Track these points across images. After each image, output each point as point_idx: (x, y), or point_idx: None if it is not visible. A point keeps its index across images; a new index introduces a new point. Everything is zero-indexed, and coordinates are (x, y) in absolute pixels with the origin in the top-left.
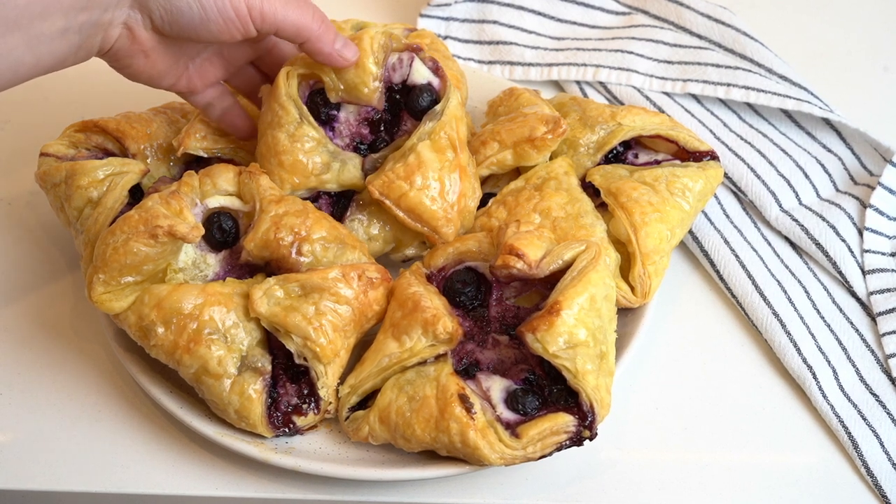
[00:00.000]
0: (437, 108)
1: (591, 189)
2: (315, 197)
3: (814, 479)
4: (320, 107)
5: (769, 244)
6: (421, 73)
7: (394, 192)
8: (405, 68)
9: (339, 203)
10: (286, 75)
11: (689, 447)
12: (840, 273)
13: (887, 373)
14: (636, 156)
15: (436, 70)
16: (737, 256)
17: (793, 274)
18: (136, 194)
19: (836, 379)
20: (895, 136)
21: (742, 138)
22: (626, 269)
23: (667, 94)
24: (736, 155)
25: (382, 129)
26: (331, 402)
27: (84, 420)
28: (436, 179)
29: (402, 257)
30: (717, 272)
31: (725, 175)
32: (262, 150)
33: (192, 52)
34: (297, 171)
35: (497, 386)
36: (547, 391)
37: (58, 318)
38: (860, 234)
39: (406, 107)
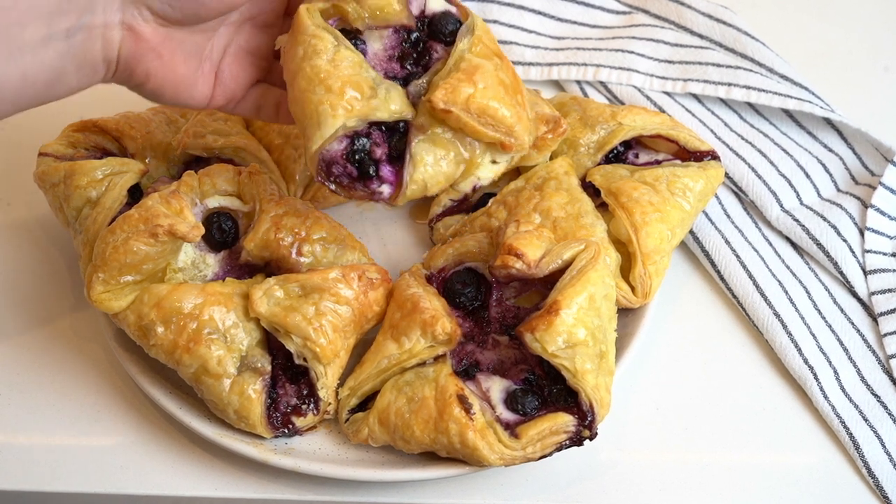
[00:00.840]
0: (466, 24)
1: (591, 189)
2: (366, 132)
3: (815, 480)
4: (348, 40)
5: (770, 244)
6: (436, 2)
7: (460, 96)
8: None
9: (393, 136)
10: (307, 11)
11: (689, 447)
12: (841, 273)
13: (889, 373)
14: (637, 156)
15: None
16: (738, 256)
17: (794, 274)
18: (135, 194)
19: (838, 379)
20: None
21: (743, 138)
22: (626, 270)
23: (667, 93)
24: (737, 155)
25: (411, 61)
26: (330, 403)
27: (83, 420)
28: (495, 80)
29: (473, 183)
30: (718, 272)
31: (726, 175)
32: (302, 85)
33: (212, 45)
34: (348, 94)
35: (497, 386)
36: (546, 391)
37: (57, 318)
38: (861, 234)
39: (432, 35)
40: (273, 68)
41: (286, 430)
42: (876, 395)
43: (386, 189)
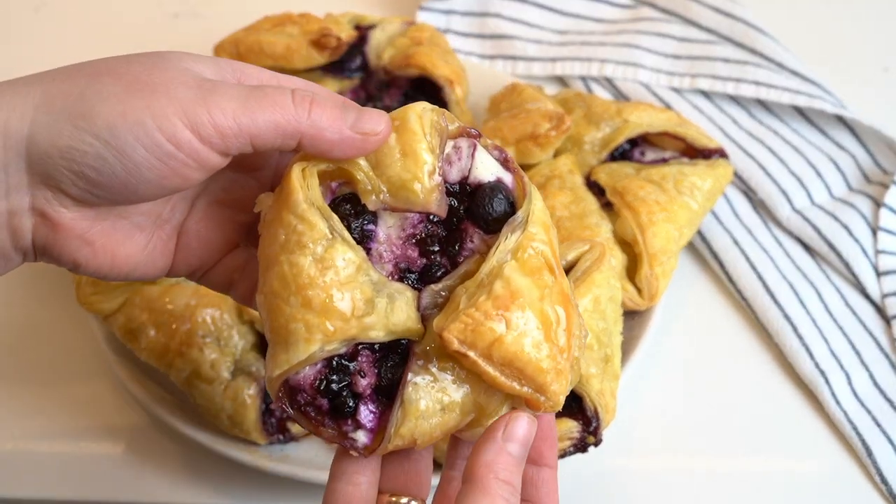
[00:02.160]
0: (520, 214)
1: (595, 188)
2: (352, 352)
3: (826, 487)
4: (350, 220)
5: (780, 245)
6: (487, 167)
7: (482, 338)
8: (465, 160)
9: (387, 359)
10: (301, 174)
11: (697, 454)
12: (853, 275)
13: None
14: (643, 153)
15: (505, 162)
16: (747, 257)
17: (805, 276)
18: None
19: (850, 384)
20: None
21: (752, 135)
22: (632, 271)
23: (675, 89)
24: (746, 153)
25: (436, 248)
26: None
27: (73, 427)
28: (536, 317)
29: (480, 434)
30: (727, 274)
31: (735, 173)
32: (275, 286)
33: (173, 205)
34: (332, 312)
35: None
36: None
37: (46, 322)
38: (874, 234)
39: (470, 215)
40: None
41: (281, 437)
42: (889, 401)
43: (361, 437)
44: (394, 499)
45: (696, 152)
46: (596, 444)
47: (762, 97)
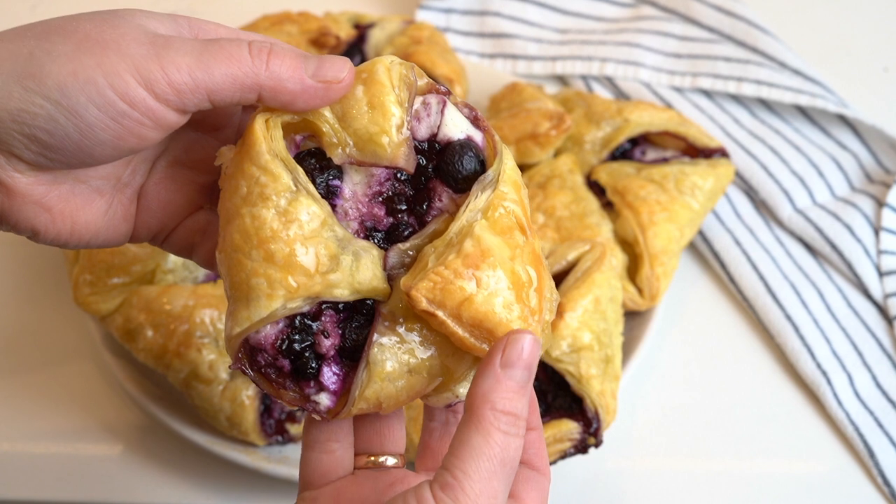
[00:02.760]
0: (490, 172)
1: (596, 187)
2: (315, 311)
3: (828, 488)
4: (315, 174)
5: (782, 245)
6: (456, 124)
7: (452, 297)
8: (434, 117)
9: (352, 319)
10: (265, 125)
11: (698, 455)
12: (855, 275)
13: None
14: (644, 153)
15: (475, 120)
16: (748, 257)
17: (806, 276)
18: None
19: (852, 385)
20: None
21: (754, 135)
22: (633, 271)
23: (676, 88)
24: (747, 152)
25: (404, 206)
26: None
27: (70, 428)
28: (507, 277)
29: (449, 400)
30: (728, 274)
31: (737, 173)
32: (236, 240)
33: (133, 167)
34: (296, 268)
35: None
36: (550, 397)
37: (43, 322)
38: (876, 234)
39: (439, 173)
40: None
41: (280, 438)
42: (892, 402)
43: (324, 400)
44: (372, 459)
45: (697, 152)
46: (597, 446)
47: (764, 96)
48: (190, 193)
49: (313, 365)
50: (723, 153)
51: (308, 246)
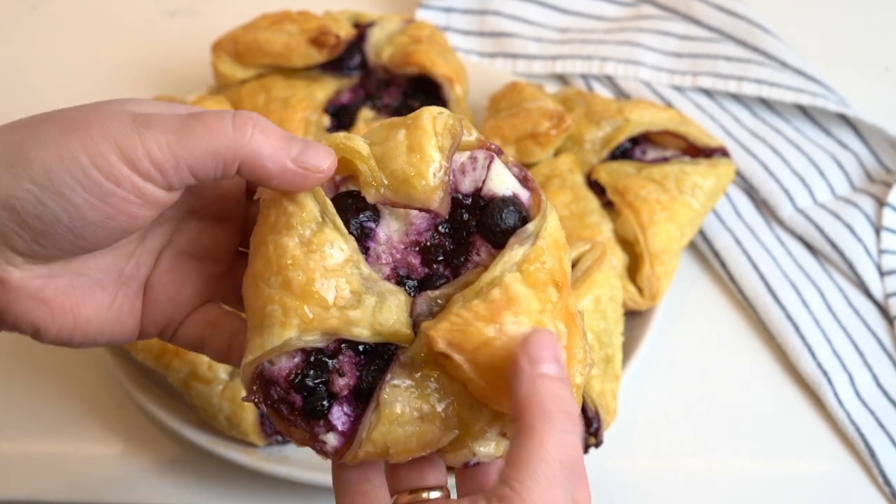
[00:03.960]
0: (530, 226)
1: (596, 187)
2: (334, 349)
3: (828, 489)
4: (350, 214)
5: (782, 244)
6: (503, 180)
7: (470, 339)
8: (479, 171)
9: (371, 363)
10: None
11: (699, 455)
12: (856, 275)
13: None
14: (644, 152)
15: (524, 180)
16: (749, 257)
17: (807, 275)
18: None
19: (853, 385)
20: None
21: (755, 134)
22: (633, 271)
23: (676, 88)
24: (748, 152)
25: (441, 258)
26: None
27: (70, 428)
28: (532, 325)
29: (466, 458)
30: (729, 273)
31: (737, 172)
32: (258, 267)
33: (137, 259)
34: (312, 297)
35: None
36: None
37: None
38: (877, 233)
39: (479, 227)
40: (232, 270)
41: (280, 438)
42: (893, 401)
43: (331, 440)
44: (414, 494)
45: (697, 151)
46: (597, 446)
47: (764, 95)
48: (197, 285)
49: (324, 403)
50: (723, 152)
51: (328, 278)
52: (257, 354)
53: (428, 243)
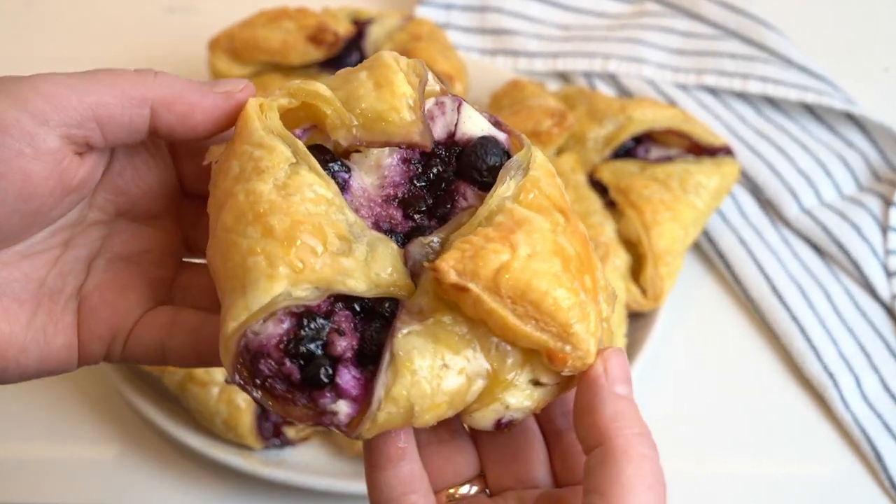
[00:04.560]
0: (518, 157)
1: (599, 186)
2: (327, 309)
3: (834, 492)
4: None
5: (788, 245)
6: (476, 122)
7: (485, 264)
8: (450, 114)
9: (371, 324)
10: (258, 108)
11: (703, 457)
12: (863, 276)
13: None
14: (647, 151)
15: (496, 123)
16: (753, 258)
17: (813, 276)
18: None
19: (859, 387)
20: None
21: (760, 133)
22: (636, 271)
23: (680, 86)
24: (753, 150)
25: (423, 209)
26: None
27: (65, 431)
28: (549, 245)
29: (498, 413)
30: (733, 274)
31: (742, 172)
32: (228, 222)
33: (59, 268)
34: (299, 243)
35: None
36: None
37: None
38: (884, 234)
39: (461, 170)
40: (179, 277)
41: (277, 441)
42: None
43: (343, 408)
44: (450, 492)
45: (701, 150)
46: None
47: (769, 94)
48: (141, 289)
49: (328, 369)
50: (728, 151)
51: (313, 221)
52: (242, 319)
53: (406, 195)
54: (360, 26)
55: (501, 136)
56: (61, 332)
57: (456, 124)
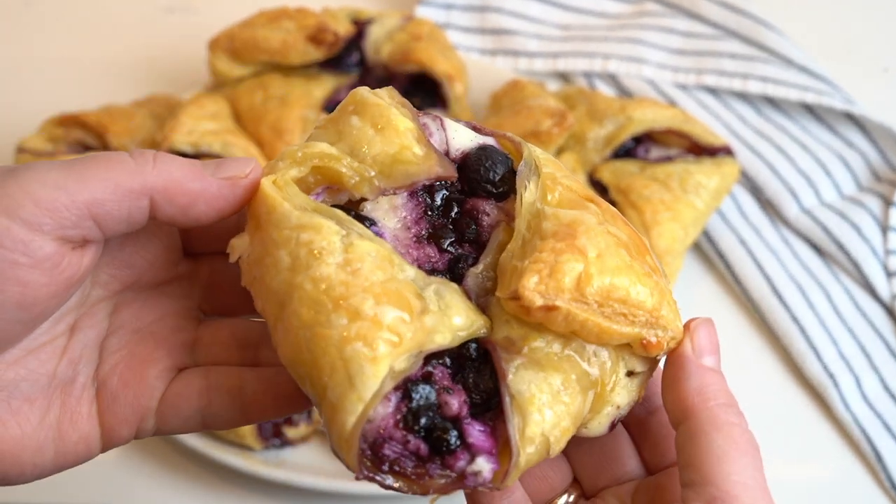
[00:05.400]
0: (524, 161)
1: (599, 186)
2: (424, 374)
3: (835, 493)
4: None
5: (788, 245)
6: (464, 135)
7: (565, 277)
8: (437, 133)
9: (467, 371)
10: (275, 187)
11: None
12: (863, 276)
13: None
14: (647, 151)
15: (477, 129)
16: (753, 257)
17: (813, 276)
18: None
19: (859, 387)
20: None
21: (760, 133)
22: None
23: (680, 86)
24: (753, 150)
25: (451, 239)
26: None
27: None
28: (607, 239)
29: (611, 416)
30: (733, 274)
31: (742, 172)
32: (304, 316)
33: (68, 357)
34: (389, 313)
35: None
36: None
37: None
38: (884, 234)
39: (472, 187)
40: (199, 336)
41: (277, 441)
42: None
43: (484, 465)
44: None
45: (701, 150)
46: None
47: (770, 93)
48: (163, 361)
49: (454, 434)
50: (728, 151)
51: (390, 288)
52: (360, 411)
53: (431, 229)
54: (360, 26)
55: (490, 141)
56: (78, 426)
57: (447, 140)
